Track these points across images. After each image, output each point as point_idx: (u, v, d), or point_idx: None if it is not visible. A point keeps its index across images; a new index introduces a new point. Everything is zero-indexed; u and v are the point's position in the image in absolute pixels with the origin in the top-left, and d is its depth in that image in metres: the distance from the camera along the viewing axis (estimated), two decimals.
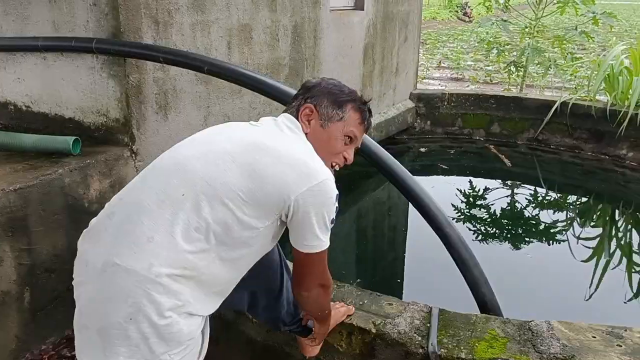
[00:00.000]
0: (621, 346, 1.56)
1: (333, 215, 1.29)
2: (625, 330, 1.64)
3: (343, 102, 1.40)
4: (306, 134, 1.38)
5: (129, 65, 2.45)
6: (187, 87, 2.75)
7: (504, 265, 3.28)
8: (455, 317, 1.72)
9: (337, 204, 1.29)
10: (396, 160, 1.99)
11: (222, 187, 1.19)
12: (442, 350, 1.57)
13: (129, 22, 2.40)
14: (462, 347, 1.58)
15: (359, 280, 3.02)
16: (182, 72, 2.68)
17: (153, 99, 2.59)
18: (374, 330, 1.67)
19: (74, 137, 2.41)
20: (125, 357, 1.12)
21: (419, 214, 1.95)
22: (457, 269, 1.89)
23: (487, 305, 1.85)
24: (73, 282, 1.23)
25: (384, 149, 2.01)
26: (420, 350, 1.60)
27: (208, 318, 1.33)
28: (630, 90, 4.65)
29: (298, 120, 1.39)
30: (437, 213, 1.86)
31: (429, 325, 1.68)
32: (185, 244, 1.15)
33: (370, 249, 3.65)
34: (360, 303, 1.81)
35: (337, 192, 1.29)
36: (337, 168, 1.45)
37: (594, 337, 1.60)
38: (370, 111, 1.48)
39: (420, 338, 1.62)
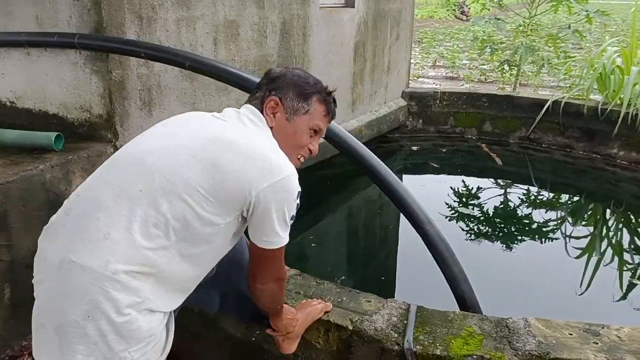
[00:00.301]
0: (597, 343, 1.55)
1: (294, 212, 1.29)
2: (603, 328, 1.63)
3: (309, 95, 1.38)
4: (271, 127, 1.36)
5: (112, 61, 2.43)
6: (172, 84, 2.74)
7: (494, 263, 3.28)
8: (433, 314, 1.71)
9: (298, 201, 1.28)
10: (377, 159, 1.98)
11: (181, 182, 1.17)
12: (418, 347, 1.57)
13: (111, 18, 2.39)
14: (437, 344, 1.57)
15: (343, 277, 3.01)
16: (166, 68, 2.67)
17: (137, 95, 2.58)
18: (350, 327, 1.67)
19: (56, 133, 2.39)
20: (84, 355, 1.10)
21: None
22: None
23: (466, 302, 1.84)
24: (33, 280, 1.22)
25: (365, 147, 2.00)
26: (396, 347, 1.59)
27: (172, 313, 1.32)
28: (622, 89, 4.65)
29: (263, 113, 1.36)
30: (416, 210, 1.85)
31: (406, 322, 1.67)
32: (143, 241, 1.13)
33: (356, 248, 3.64)
34: (339, 300, 1.80)
35: (299, 188, 1.28)
36: (302, 160, 1.45)
37: (571, 334, 1.60)
38: (335, 101, 1.46)
39: (396, 335, 1.62)
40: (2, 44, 2.63)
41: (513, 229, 3.80)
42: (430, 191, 4.45)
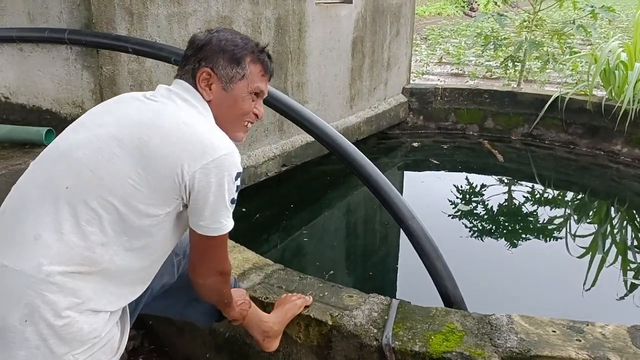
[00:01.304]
0: (580, 340, 1.53)
1: (234, 195, 1.20)
2: (587, 325, 1.61)
3: (241, 58, 1.28)
4: (209, 101, 1.28)
5: (102, 57, 2.44)
6: (163, 79, 2.74)
7: (496, 261, 3.25)
8: (415, 310, 1.69)
9: (238, 182, 1.20)
10: (361, 154, 1.96)
11: (108, 175, 1.12)
12: (397, 342, 1.55)
13: (101, 13, 2.39)
14: (417, 340, 1.56)
15: (332, 272, 3.00)
16: (158, 64, 2.67)
17: (128, 90, 2.58)
18: (330, 322, 1.65)
19: (47, 128, 2.41)
20: None
21: None
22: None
23: (450, 298, 1.82)
24: None
25: (348, 141, 1.98)
26: (375, 343, 1.58)
27: (127, 310, 1.27)
28: (626, 85, 4.58)
29: (196, 86, 1.27)
30: (399, 205, 1.84)
31: (386, 317, 1.66)
32: (77, 240, 1.09)
33: (351, 244, 3.63)
34: (321, 295, 1.79)
35: (239, 168, 1.20)
36: (249, 126, 1.38)
37: (554, 331, 1.58)
38: (269, 56, 1.36)
39: (375, 330, 1.60)
40: None
41: (515, 227, 3.76)
42: (430, 188, 4.41)
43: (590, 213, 4.18)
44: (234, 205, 1.22)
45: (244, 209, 3.66)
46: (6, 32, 2.55)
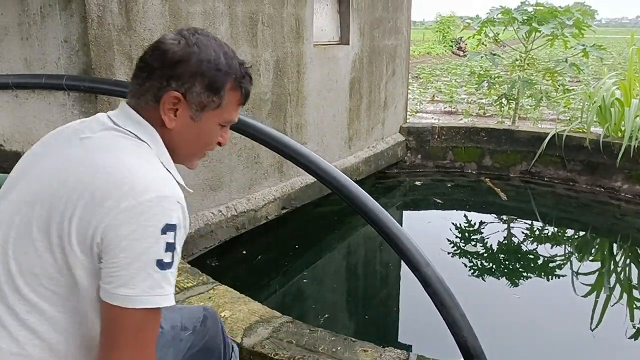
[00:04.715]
0: None
1: (160, 253, 0.87)
2: None
3: (221, 85, 1.02)
4: (170, 129, 1.02)
5: (101, 102, 2.39)
6: None
7: (500, 303, 3.18)
8: None
9: (171, 239, 0.89)
10: (372, 199, 1.89)
11: (23, 261, 0.91)
12: None
13: (100, 59, 2.35)
14: None
15: (327, 315, 2.89)
16: None
17: None
18: None
19: None
20: None
21: None
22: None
23: (469, 350, 1.72)
24: None
25: (358, 186, 1.92)
26: None
27: None
28: (623, 122, 4.61)
29: (159, 106, 1.00)
30: (413, 252, 1.75)
31: None
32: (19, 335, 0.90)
33: (353, 288, 3.54)
34: (334, 350, 1.69)
35: (173, 220, 0.89)
36: (205, 155, 1.17)
37: None
38: (250, 78, 1.10)
39: None
40: None
41: (518, 266, 3.69)
42: (433, 227, 4.35)
43: (592, 251, 4.12)
44: (169, 269, 0.89)
45: (244, 252, 3.57)
46: (2, 79, 2.50)
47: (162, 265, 0.87)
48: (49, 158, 0.98)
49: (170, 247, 0.88)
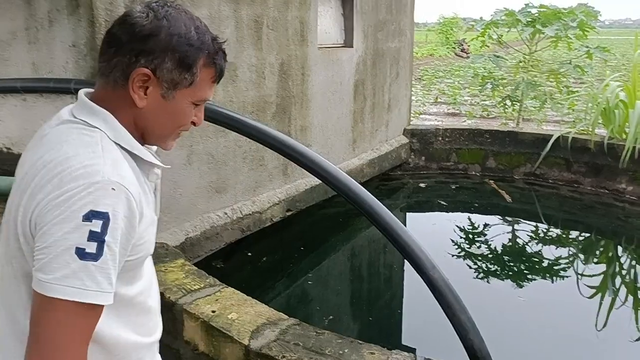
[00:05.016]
0: None
1: (81, 242, 0.82)
2: None
3: (193, 61, 0.97)
4: (140, 108, 0.97)
5: None
6: None
7: (506, 305, 3.19)
8: None
9: (95, 227, 0.83)
10: (378, 201, 1.90)
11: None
12: None
13: None
14: None
15: (331, 317, 2.90)
16: None
17: None
18: None
19: None
20: None
21: None
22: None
23: (476, 353, 1.73)
24: None
25: (364, 189, 1.93)
26: None
27: None
28: (627, 123, 4.61)
29: (128, 85, 0.95)
30: (420, 255, 1.76)
31: None
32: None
33: (359, 290, 3.54)
34: (340, 352, 1.70)
35: (104, 207, 0.84)
36: (181, 134, 1.11)
37: None
38: (225, 55, 1.04)
39: None
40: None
41: (523, 268, 3.70)
42: (437, 229, 4.36)
43: (597, 252, 4.12)
44: (91, 263, 0.82)
45: (249, 254, 3.58)
46: (11, 83, 2.52)
47: (82, 254, 0.82)
48: (22, 162, 0.96)
49: (94, 236, 0.82)
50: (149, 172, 1.02)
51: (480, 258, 3.76)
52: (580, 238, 4.34)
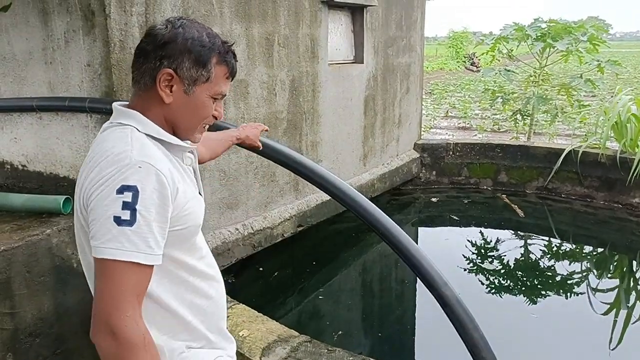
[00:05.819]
0: None
1: (117, 211, 1.00)
2: None
3: (207, 59, 1.16)
4: (168, 104, 1.16)
5: None
6: None
7: (519, 321, 3.16)
8: None
9: (126, 198, 1.01)
10: (389, 218, 1.91)
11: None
12: None
13: (122, 82, 2.41)
14: None
15: (340, 332, 2.88)
16: None
17: None
18: None
19: (64, 197, 2.37)
20: None
21: None
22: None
23: None
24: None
25: (375, 206, 1.93)
26: None
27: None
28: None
29: (156, 86, 1.14)
30: (431, 272, 1.76)
31: None
32: None
33: (370, 306, 3.53)
34: None
35: (126, 181, 1.02)
36: (206, 128, 1.28)
37: None
38: (234, 55, 1.23)
39: None
40: (15, 109, 2.66)
41: (536, 283, 3.66)
42: (450, 244, 4.34)
43: (611, 267, 4.07)
44: (127, 228, 1.00)
45: (260, 269, 3.59)
46: (26, 102, 2.57)
47: (119, 221, 1.00)
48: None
49: (127, 205, 1.01)
50: (182, 156, 1.20)
51: (492, 273, 3.74)
52: (594, 253, 4.29)
